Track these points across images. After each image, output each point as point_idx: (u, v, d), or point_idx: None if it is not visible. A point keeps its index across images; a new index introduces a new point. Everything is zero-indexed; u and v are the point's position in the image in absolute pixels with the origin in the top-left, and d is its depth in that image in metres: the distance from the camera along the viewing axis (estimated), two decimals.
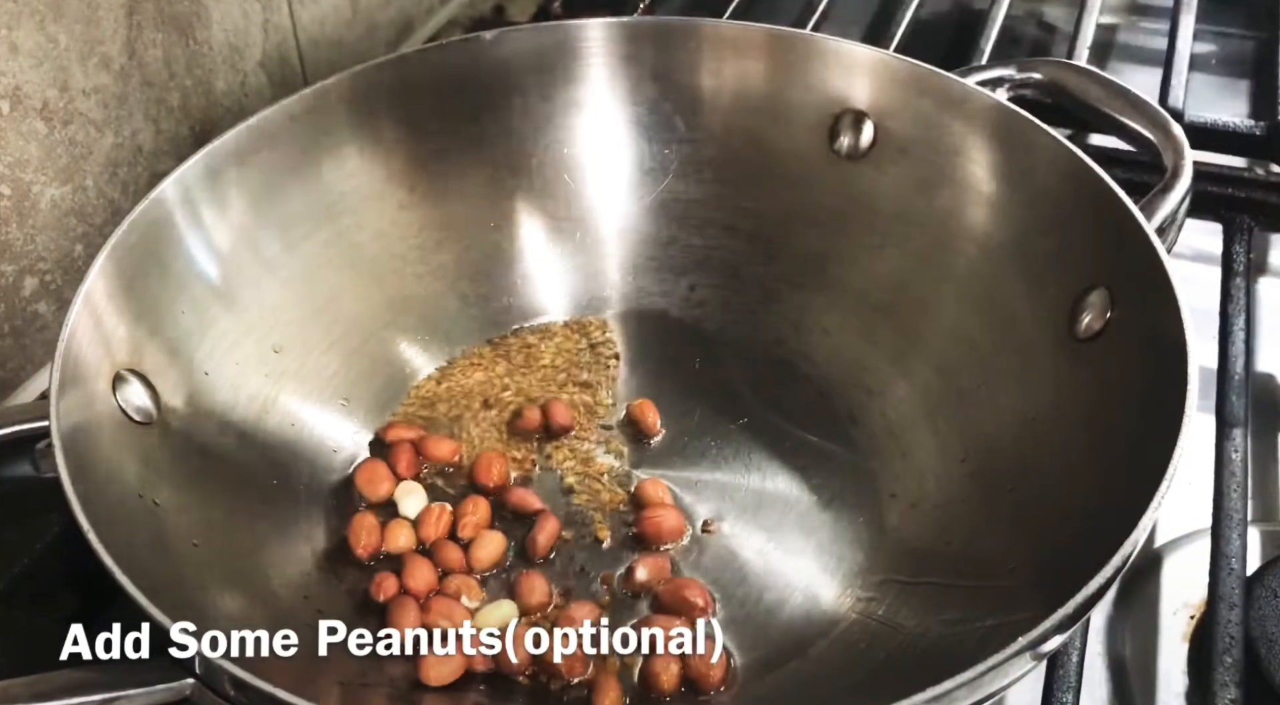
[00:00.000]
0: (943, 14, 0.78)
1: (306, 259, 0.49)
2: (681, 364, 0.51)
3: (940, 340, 0.48)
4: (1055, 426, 0.42)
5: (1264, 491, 0.49)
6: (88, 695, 0.31)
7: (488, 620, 0.41)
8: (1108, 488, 0.37)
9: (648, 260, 0.54)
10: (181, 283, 0.44)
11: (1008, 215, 0.47)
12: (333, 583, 0.43)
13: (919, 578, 0.42)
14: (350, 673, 0.39)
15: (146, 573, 0.33)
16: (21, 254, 0.50)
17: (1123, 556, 0.32)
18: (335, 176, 0.50)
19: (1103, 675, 0.43)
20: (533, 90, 0.52)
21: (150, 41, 0.53)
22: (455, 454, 0.47)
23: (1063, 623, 0.31)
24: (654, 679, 0.39)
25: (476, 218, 0.53)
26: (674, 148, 0.53)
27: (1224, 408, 0.48)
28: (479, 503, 0.45)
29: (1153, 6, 0.81)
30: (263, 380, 0.46)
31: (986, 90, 0.47)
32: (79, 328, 0.39)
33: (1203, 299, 0.51)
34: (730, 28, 0.53)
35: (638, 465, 0.47)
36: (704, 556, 0.44)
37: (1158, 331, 0.38)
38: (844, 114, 0.50)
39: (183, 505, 0.40)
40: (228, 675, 0.31)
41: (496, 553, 0.44)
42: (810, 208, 0.52)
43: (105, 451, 0.38)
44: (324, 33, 0.65)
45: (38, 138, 0.49)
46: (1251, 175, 0.59)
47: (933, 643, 0.39)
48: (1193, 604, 0.44)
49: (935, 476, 0.45)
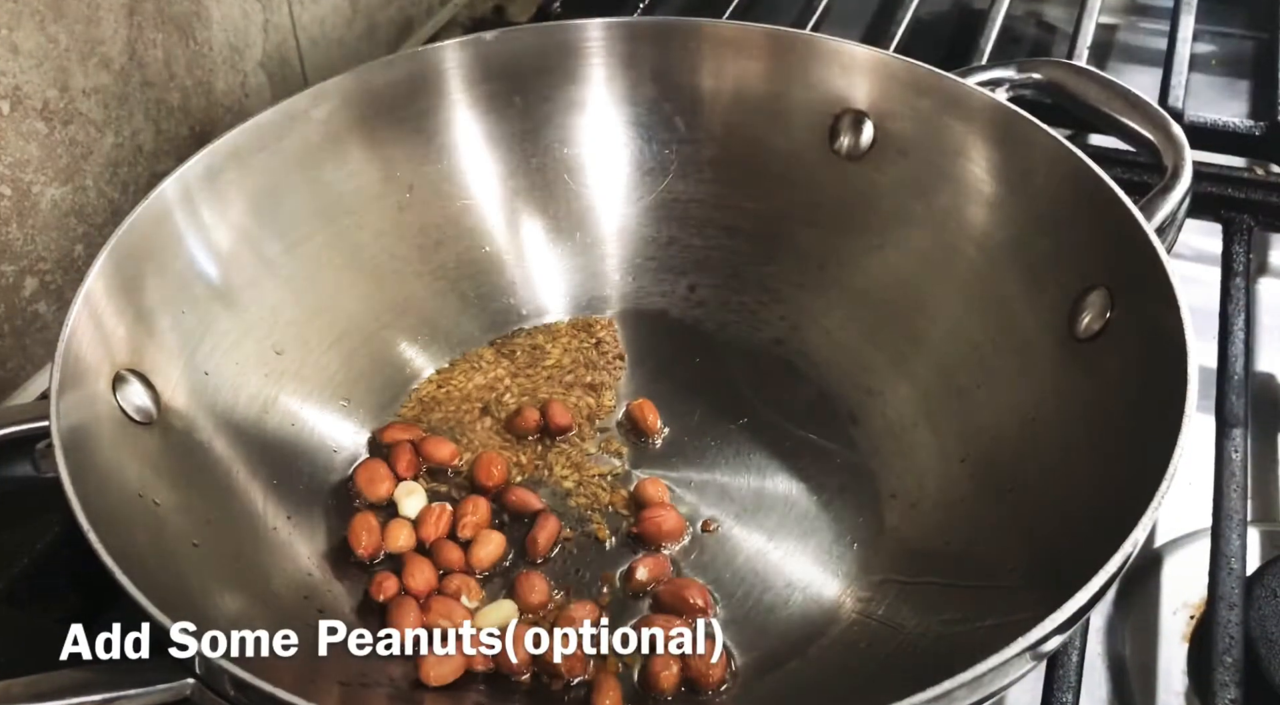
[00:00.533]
0: (943, 14, 0.78)
1: (307, 259, 0.49)
2: (681, 364, 0.51)
3: (940, 340, 0.48)
4: (1055, 426, 0.42)
5: (1264, 491, 0.49)
6: (88, 695, 0.31)
7: (488, 620, 0.41)
8: (1108, 488, 0.37)
9: (648, 260, 0.54)
10: (182, 283, 0.44)
11: (1008, 215, 0.47)
12: (333, 583, 0.43)
13: (919, 578, 0.42)
14: (350, 673, 0.39)
15: (146, 573, 0.33)
16: (22, 254, 0.50)
17: (1123, 556, 0.32)
18: (335, 176, 0.50)
19: (1103, 675, 0.43)
20: (533, 90, 0.52)
21: (151, 42, 0.53)
22: (455, 456, 0.47)
23: (1063, 623, 0.31)
24: (654, 679, 0.39)
25: (476, 218, 0.53)
26: (674, 148, 0.53)
27: (1224, 408, 0.48)
28: (479, 503, 0.45)
29: (1153, 6, 0.81)
30: (263, 380, 0.46)
31: (986, 90, 0.47)
32: (79, 328, 0.39)
33: (1203, 299, 0.51)
34: (730, 28, 0.53)
35: (638, 465, 0.47)
36: (704, 556, 0.44)
37: (1158, 331, 0.38)
38: (844, 114, 0.51)
39: (183, 505, 0.40)
40: (228, 675, 0.31)
41: (496, 552, 0.44)
42: (810, 208, 0.52)
43: (105, 451, 0.38)
44: (324, 33, 0.65)
45: (38, 138, 0.49)
46: (1251, 175, 0.59)
47: (933, 643, 0.39)
48: (1193, 604, 0.44)
49: (935, 476, 0.45)
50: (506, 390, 0.50)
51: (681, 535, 0.44)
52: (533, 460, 0.48)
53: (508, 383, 0.51)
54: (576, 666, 0.40)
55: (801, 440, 0.48)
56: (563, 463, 0.47)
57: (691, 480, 0.47)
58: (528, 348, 0.52)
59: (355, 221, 0.50)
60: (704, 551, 0.44)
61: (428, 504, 0.45)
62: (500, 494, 0.46)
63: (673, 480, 0.46)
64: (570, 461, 0.47)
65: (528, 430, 0.48)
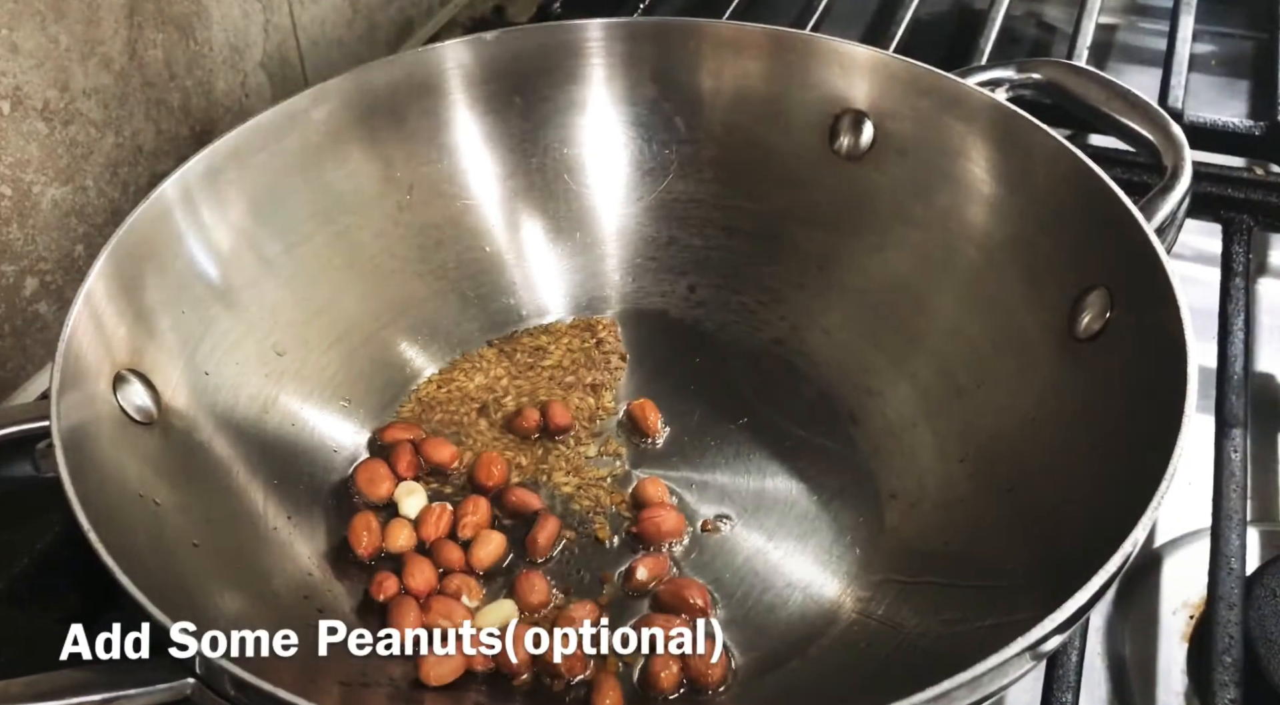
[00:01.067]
0: (943, 14, 0.78)
1: (307, 259, 0.49)
2: (681, 364, 0.51)
3: (940, 340, 0.48)
4: (1055, 426, 0.42)
5: (1263, 491, 0.49)
6: (88, 695, 0.31)
7: (488, 620, 0.41)
8: (1108, 488, 0.37)
9: (648, 260, 0.54)
10: (182, 283, 0.44)
11: (1008, 215, 0.47)
12: (333, 583, 0.43)
13: (919, 578, 0.42)
14: (350, 673, 0.39)
15: (146, 573, 0.33)
16: (22, 254, 0.50)
17: (1123, 556, 0.32)
18: (335, 176, 0.50)
19: (1102, 675, 0.43)
20: (533, 90, 0.52)
21: (151, 42, 0.53)
22: (455, 458, 0.47)
23: (1063, 623, 0.31)
24: (654, 679, 0.39)
25: (477, 218, 0.53)
26: (674, 148, 0.53)
27: (1224, 408, 0.48)
28: (479, 502, 0.45)
29: (1153, 6, 0.81)
30: (263, 380, 0.46)
31: (986, 90, 0.47)
32: (79, 328, 0.39)
33: (1203, 299, 0.51)
34: (730, 28, 0.53)
35: (638, 465, 0.47)
36: (704, 556, 0.44)
37: (1158, 331, 0.38)
38: (844, 114, 0.51)
39: (183, 505, 0.40)
40: (228, 675, 0.31)
41: (497, 552, 0.44)
42: (810, 208, 0.52)
43: (105, 451, 0.38)
44: (324, 33, 0.65)
45: (38, 138, 0.49)
46: (1251, 175, 0.59)
47: (932, 643, 0.39)
48: (1192, 604, 0.44)
49: (935, 476, 0.45)
50: (506, 391, 0.50)
51: (681, 535, 0.45)
52: (533, 462, 0.48)
53: (507, 383, 0.51)
54: (577, 666, 0.40)
55: (801, 440, 0.48)
56: (563, 467, 0.47)
57: (692, 480, 0.47)
58: (528, 348, 0.52)
59: (355, 221, 0.50)
60: (704, 551, 0.44)
61: (428, 504, 0.45)
62: (500, 494, 0.46)
63: (673, 480, 0.46)
64: (570, 465, 0.47)
65: (528, 430, 0.48)
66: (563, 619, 0.41)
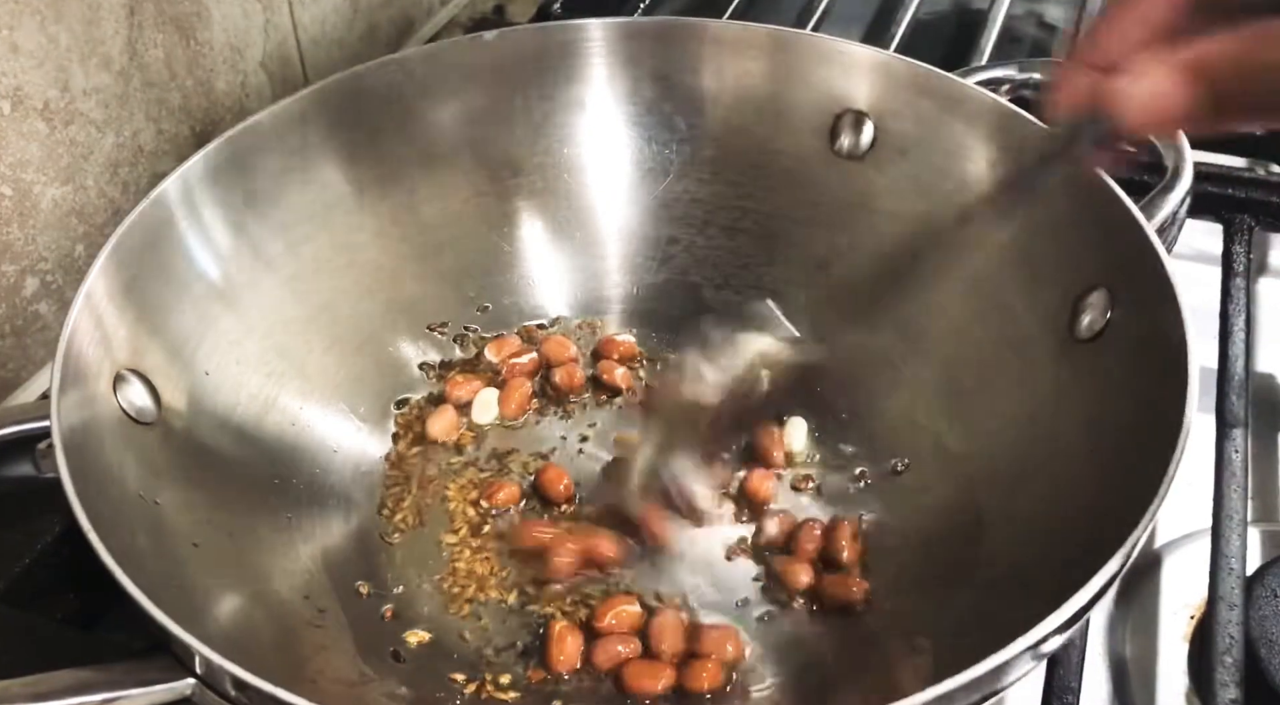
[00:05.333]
0: (943, 14, 0.78)
1: (307, 259, 0.49)
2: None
3: (941, 340, 0.48)
4: (1055, 427, 0.42)
5: (1264, 491, 0.49)
6: (88, 695, 0.32)
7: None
8: (1108, 488, 0.37)
9: (648, 260, 0.54)
10: (182, 283, 0.44)
11: (1008, 215, 0.47)
12: (333, 582, 0.43)
13: (919, 579, 0.42)
14: (351, 673, 0.39)
15: (146, 573, 0.33)
16: (22, 254, 0.50)
17: (1123, 556, 0.32)
18: (336, 177, 0.49)
19: (1103, 675, 0.43)
20: (533, 90, 0.52)
21: (151, 42, 0.53)
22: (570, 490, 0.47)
23: (1063, 623, 0.31)
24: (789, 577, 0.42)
25: (477, 218, 0.53)
26: (674, 148, 0.53)
27: (1224, 408, 0.48)
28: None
29: None
30: (263, 380, 0.46)
31: (987, 90, 0.47)
32: (80, 328, 0.39)
33: (1203, 299, 0.51)
34: (730, 28, 0.53)
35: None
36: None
37: (1158, 331, 0.38)
38: (844, 114, 0.50)
39: (183, 505, 0.40)
40: (228, 675, 0.31)
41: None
42: (810, 208, 0.52)
43: (106, 451, 0.38)
44: (324, 33, 0.65)
45: (39, 138, 0.49)
46: (1251, 175, 0.59)
47: (933, 643, 0.39)
48: (1193, 604, 0.44)
49: (935, 476, 0.45)
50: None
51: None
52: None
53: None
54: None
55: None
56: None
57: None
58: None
59: (355, 221, 0.50)
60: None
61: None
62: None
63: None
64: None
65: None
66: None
